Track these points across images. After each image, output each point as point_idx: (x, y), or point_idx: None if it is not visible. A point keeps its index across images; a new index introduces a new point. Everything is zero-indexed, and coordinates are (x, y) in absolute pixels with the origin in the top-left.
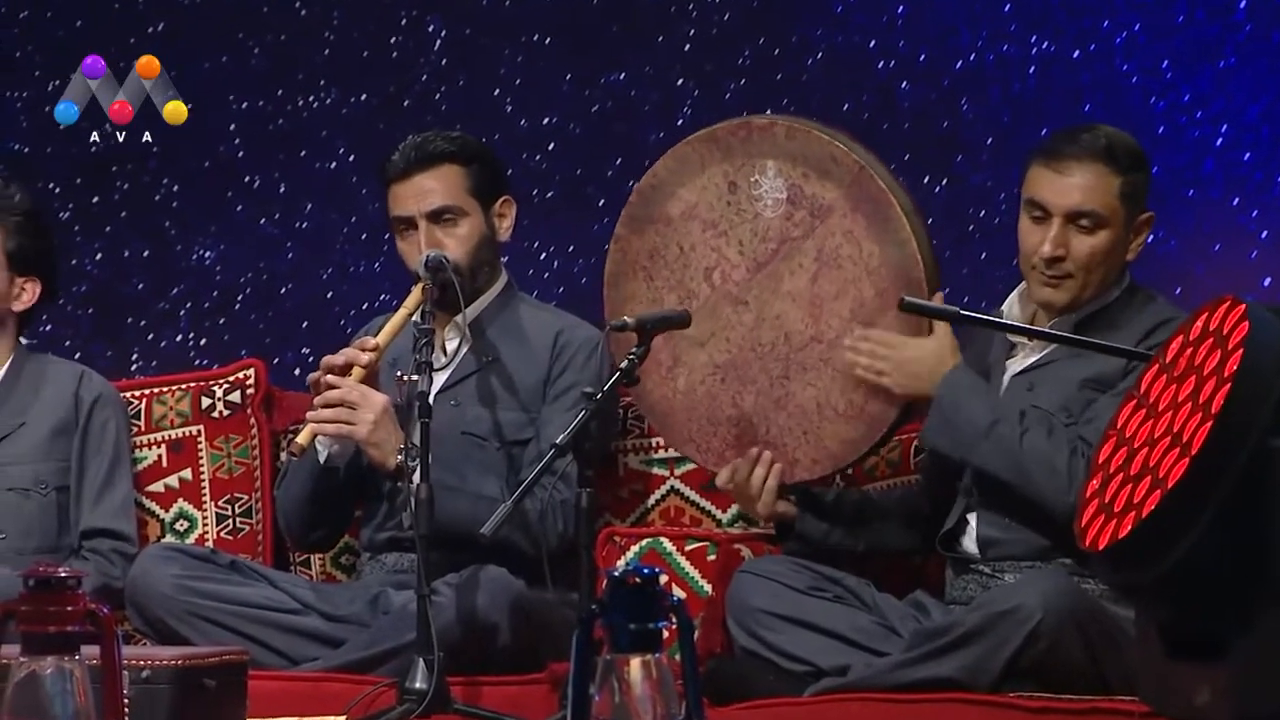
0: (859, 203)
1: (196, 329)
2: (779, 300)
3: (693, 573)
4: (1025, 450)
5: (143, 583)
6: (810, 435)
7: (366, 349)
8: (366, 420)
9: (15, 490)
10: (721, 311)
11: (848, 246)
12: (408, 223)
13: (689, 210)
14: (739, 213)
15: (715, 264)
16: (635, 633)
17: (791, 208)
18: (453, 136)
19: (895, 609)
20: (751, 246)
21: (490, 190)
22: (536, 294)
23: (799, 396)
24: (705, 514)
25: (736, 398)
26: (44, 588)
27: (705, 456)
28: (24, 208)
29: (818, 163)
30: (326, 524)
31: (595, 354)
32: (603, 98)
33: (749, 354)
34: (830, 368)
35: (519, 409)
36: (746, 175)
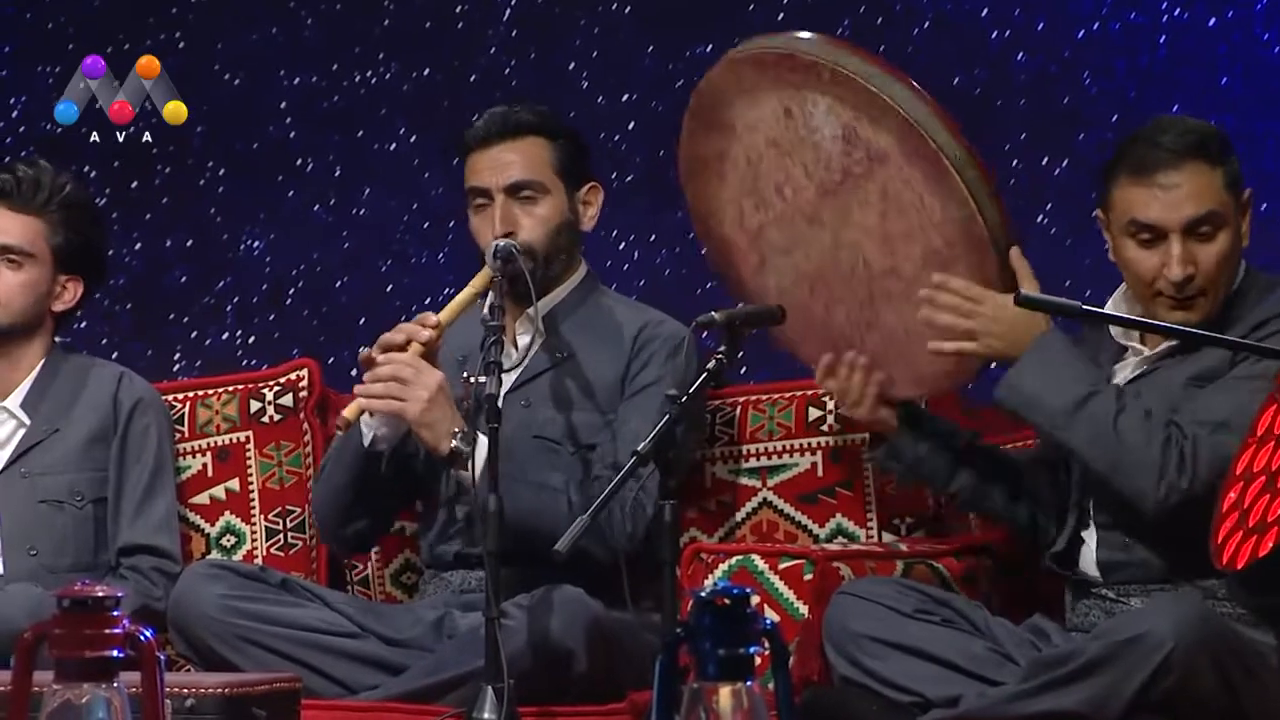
0: (913, 156)
1: (244, 326)
2: (852, 229)
3: (787, 593)
4: (1118, 432)
5: (186, 603)
6: (905, 358)
7: (427, 325)
8: (419, 398)
9: (48, 502)
10: (799, 226)
11: (909, 194)
12: (483, 195)
13: (750, 124)
14: (798, 137)
15: (784, 180)
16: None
17: (848, 145)
18: (541, 110)
19: (1011, 635)
20: (817, 171)
21: (577, 172)
22: (614, 287)
23: (886, 320)
24: (801, 529)
25: (828, 308)
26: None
27: (808, 358)
28: (75, 199)
29: (867, 110)
30: (366, 516)
31: (680, 352)
32: (688, 72)
33: (831, 272)
34: (913, 304)
35: (596, 410)
36: (800, 104)
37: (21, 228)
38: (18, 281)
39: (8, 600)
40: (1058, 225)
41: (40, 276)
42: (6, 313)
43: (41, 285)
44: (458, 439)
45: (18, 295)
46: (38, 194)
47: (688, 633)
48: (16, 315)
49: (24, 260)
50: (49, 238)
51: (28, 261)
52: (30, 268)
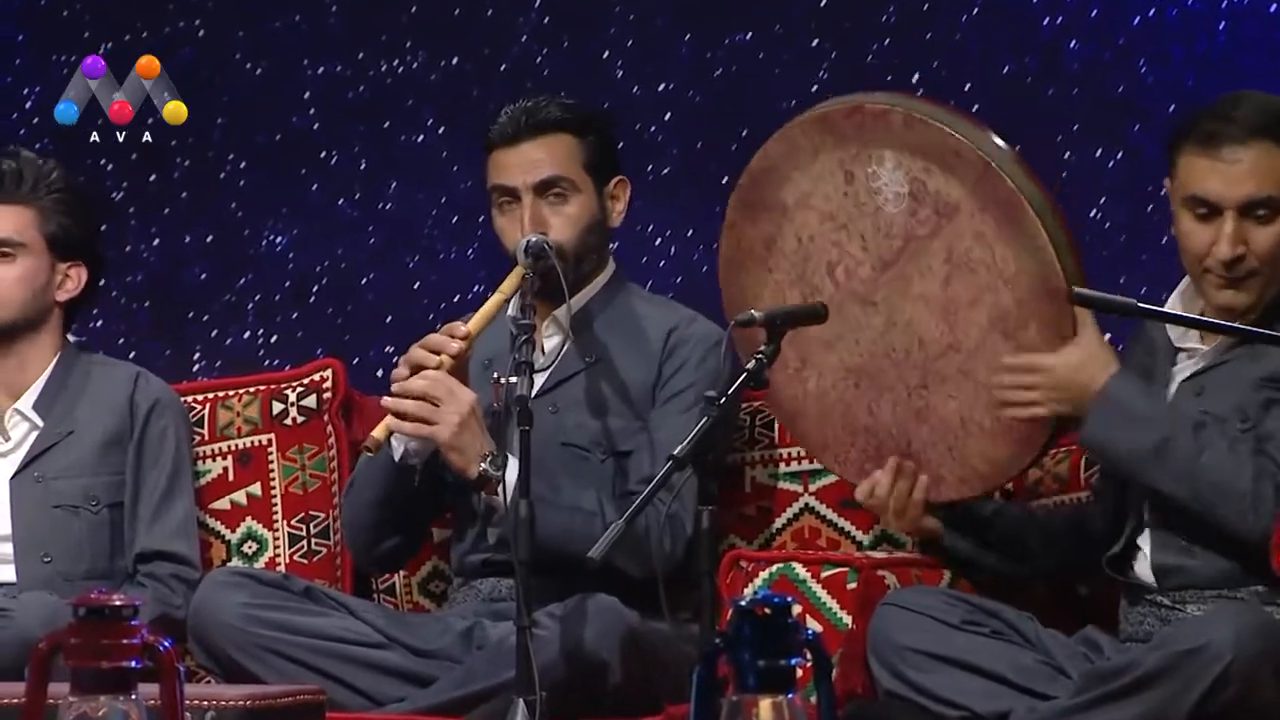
0: (987, 203)
1: (266, 324)
2: (910, 304)
3: (830, 603)
4: (1203, 470)
5: (206, 612)
6: (956, 452)
7: (457, 336)
8: (450, 421)
9: (63, 508)
10: (849, 312)
11: (979, 250)
12: (510, 194)
13: (804, 198)
14: (858, 205)
15: (838, 259)
16: (764, 670)
17: (915, 203)
18: (569, 103)
19: (1063, 646)
20: (875, 243)
21: (605, 167)
22: (650, 285)
23: (940, 409)
24: (844, 535)
25: (873, 406)
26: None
27: (844, 467)
28: (63, 185)
29: (940, 156)
30: (398, 533)
31: (714, 353)
32: (727, 60)
33: (882, 360)
34: (971, 380)
35: (628, 415)
36: (863, 165)
37: (9, 218)
38: (13, 275)
39: (21, 609)
40: (1113, 220)
41: (36, 267)
42: (6, 309)
43: (39, 276)
44: (486, 462)
45: (15, 289)
46: (22, 184)
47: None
48: (17, 310)
49: (16, 252)
50: (41, 226)
51: (20, 253)
52: (25, 259)
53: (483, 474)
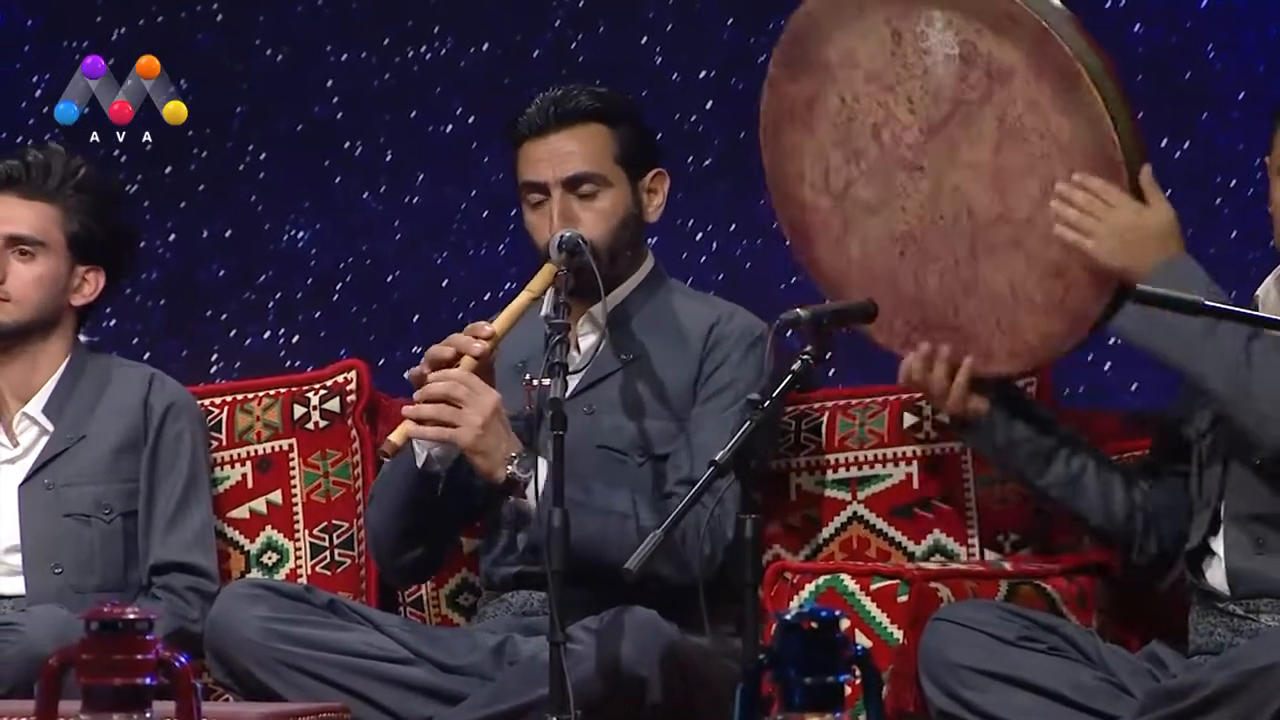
0: (1043, 69)
1: (288, 324)
2: (958, 171)
3: (880, 617)
4: (1252, 361)
5: (224, 626)
6: (1005, 324)
7: (480, 336)
8: (473, 423)
9: (74, 516)
10: (895, 176)
11: (1032, 117)
12: (539, 190)
13: (848, 57)
14: (905, 66)
15: (883, 121)
16: (811, 688)
17: (965, 67)
18: (600, 92)
19: (1125, 663)
20: (923, 106)
21: (640, 159)
22: (690, 281)
23: (990, 280)
24: (895, 545)
25: (919, 275)
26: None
27: (889, 338)
28: (91, 184)
29: (993, 18)
30: (423, 542)
31: (757, 348)
32: (770, 46)
33: (929, 227)
34: (1023, 252)
35: (667, 417)
36: (912, 24)
37: (32, 215)
38: (32, 275)
39: (31, 623)
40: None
41: (56, 268)
42: (21, 309)
43: (58, 278)
44: (514, 465)
45: (32, 289)
46: (48, 179)
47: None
48: (32, 311)
49: (36, 251)
50: (63, 225)
51: (40, 252)
52: (44, 258)
53: (510, 477)
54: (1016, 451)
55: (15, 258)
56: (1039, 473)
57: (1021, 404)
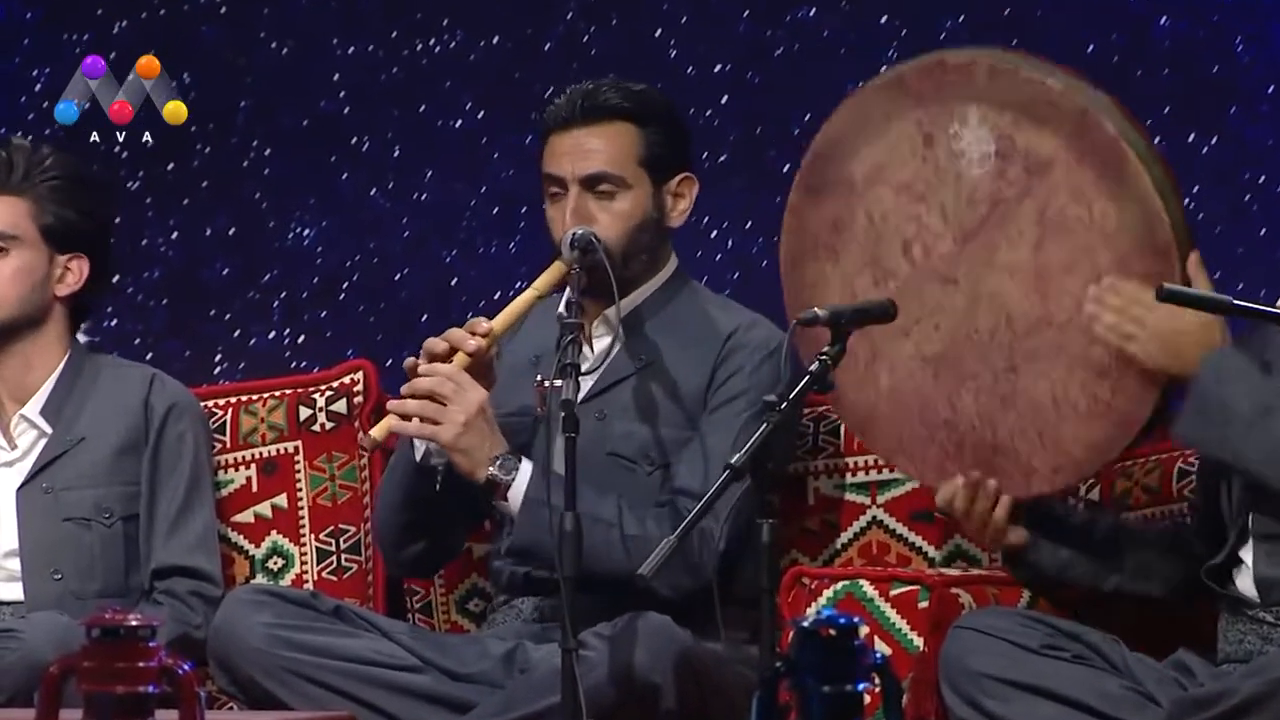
0: (1085, 153)
1: (293, 323)
2: (995, 276)
3: (900, 623)
4: None
5: (229, 633)
6: (1047, 438)
7: (477, 333)
8: (455, 420)
9: (74, 521)
10: (927, 293)
11: (1075, 206)
12: (558, 183)
13: (876, 172)
14: (938, 172)
15: (914, 235)
16: (829, 696)
17: (1002, 163)
18: (634, 90)
19: (1152, 672)
20: (957, 212)
21: (668, 163)
22: (705, 280)
23: (1030, 391)
24: (915, 550)
25: (953, 397)
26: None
27: (921, 469)
28: (58, 171)
29: (1030, 107)
30: (424, 537)
31: (773, 358)
32: (788, 39)
33: (964, 343)
34: (1065, 355)
35: (680, 424)
36: (944, 126)
37: (2, 210)
38: (8, 270)
39: (30, 630)
40: (1206, 210)
41: (32, 261)
42: (2, 307)
43: (36, 270)
44: (495, 465)
45: (10, 285)
46: (12, 172)
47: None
48: (14, 307)
49: (9, 245)
50: (36, 217)
51: (14, 246)
52: (19, 252)
53: (490, 479)
54: (1073, 571)
55: None
56: (1105, 580)
57: (1057, 518)
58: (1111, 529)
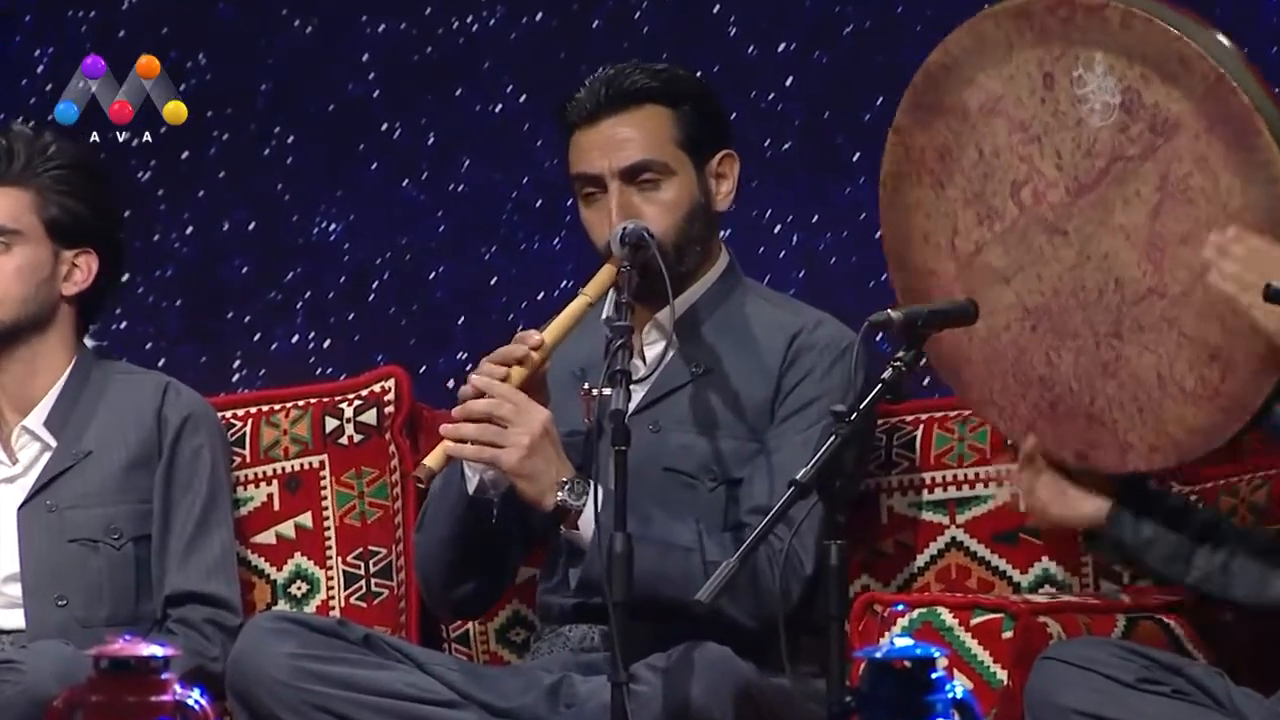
0: (1215, 122)
1: (318, 326)
2: (1108, 235)
3: (982, 655)
4: None
5: (249, 664)
6: (1148, 414)
7: (529, 345)
8: (519, 444)
9: (80, 542)
10: (1033, 240)
11: (1200, 176)
12: (594, 183)
13: (992, 103)
14: (1057, 115)
15: (1025, 178)
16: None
17: (1126, 117)
18: (657, 69)
19: (1259, 708)
20: (1073, 161)
21: (707, 142)
22: (766, 280)
23: (1134, 363)
24: (999, 575)
25: (1052, 354)
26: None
27: (1010, 424)
28: (64, 160)
29: (1162, 63)
30: (477, 576)
31: (844, 360)
32: (858, 16)
33: (1068, 299)
34: (1175, 331)
35: (743, 436)
36: (1067, 68)
37: (3, 202)
38: (11, 267)
39: (32, 661)
40: None
41: (37, 257)
42: (4, 306)
43: (41, 267)
44: (565, 490)
45: (13, 283)
46: (13, 162)
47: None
48: (18, 307)
49: (12, 240)
50: (40, 210)
51: (17, 241)
52: (22, 248)
53: (560, 504)
54: (1151, 551)
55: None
56: (1182, 572)
57: (1149, 497)
58: (1208, 522)
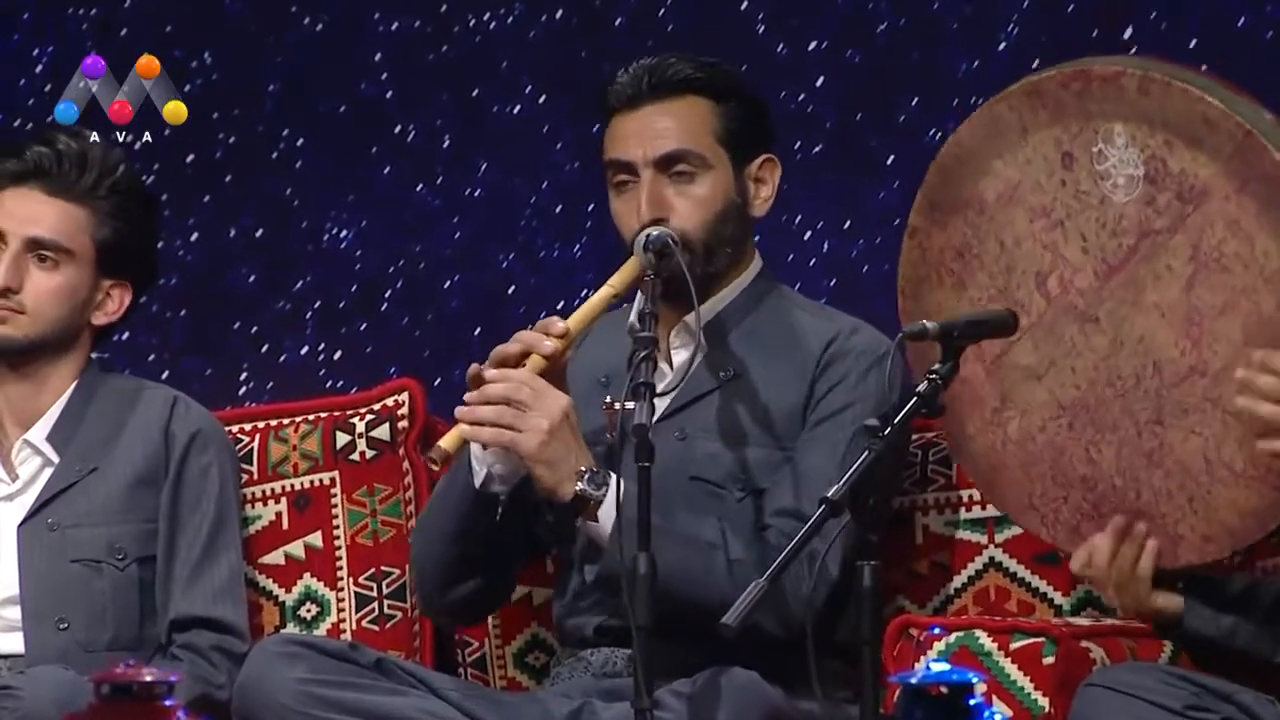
0: (1246, 181)
1: (328, 337)
2: (1142, 316)
3: (1022, 681)
4: None
5: (256, 690)
6: (1198, 504)
7: (552, 334)
8: (538, 428)
9: (83, 562)
10: (1063, 332)
11: (1234, 242)
12: (627, 170)
13: (1010, 192)
14: (1079, 196)
15: (1050, 267)
16: None
17: (1152, 188)
18: (704, 62)
19: None
20: (1099, 243)
21: (748, 142)
22: (798, 287)
23: (1179, 449)
24: (1039, 597)
25: (1092, 450)
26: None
27: (1053, 531)
28: (128, 185)
29: (1185, 127)
30: (478, 575)
31: (879, 367)
32: (892, 13)
33: (1105, 391)
34: (1220, 410)
35: (772, 445)
36: (1087, 145)
37: (60, 217)
38: (52, 285)
39: (32, 686)
40: None
41: (80, 280)
42: (35, 324)
43: (81, 291)
44: (584, 480)
45: (51, 303)
46: (84, 174)
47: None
48: (49, 326)
49: (61, 258)
50: (94, 231)
51: (65, 260)
52: (68, 268)
53: (580, 494)
54: (1236, 640)
55: (35, 264)
56: (1271, 650)
57: (1220, 587)
58: (1277, 594)
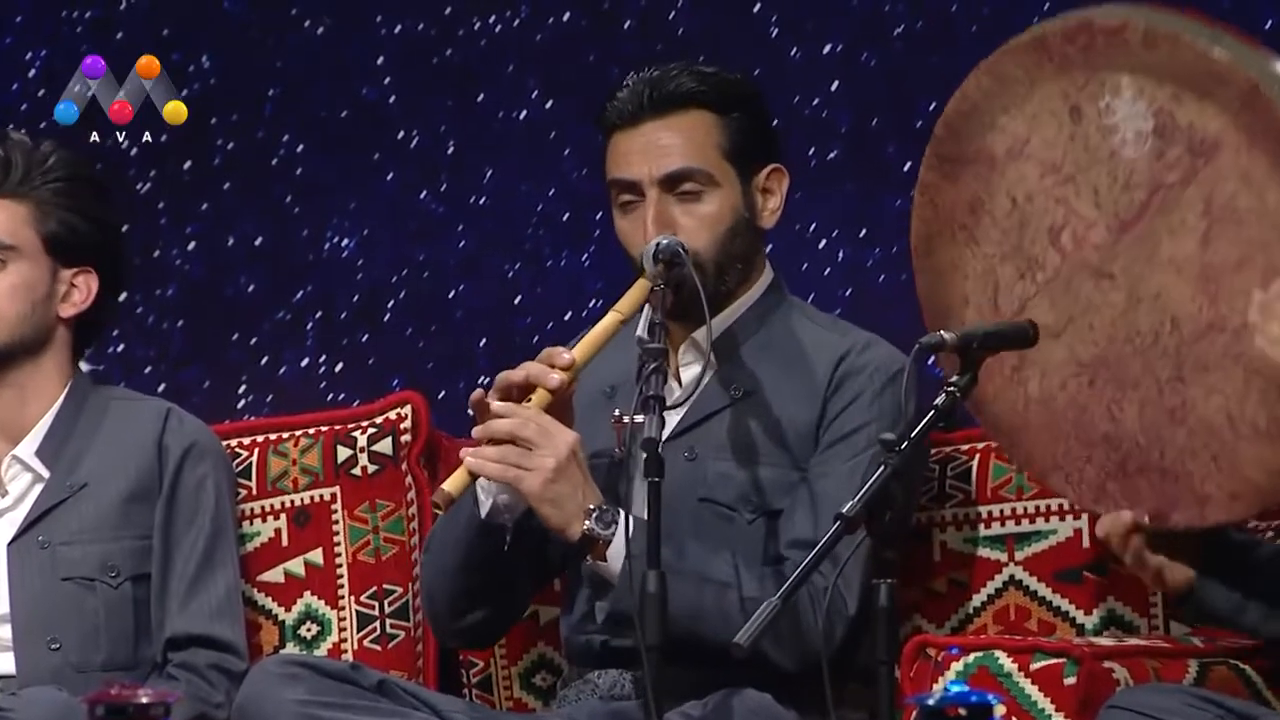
0: (1256, 134)
1: (329, 348)
2: (1157, 272)
3: (1042, 702)
4: None
5: (255, 711)
6: (1223, 460)
7: (558, 364)
8: (544, 467)
9: (75, 581)
10: (1079, 288)
11: (1247, 195)
12: (631, 189)
13: (1018, 146)
14: (1088, 150)
15: (1063, 221)
16: None
17: (1161, 142)
18: (706, 72)
19: None
20: (1111, 197)
21: (755, 153)
22: (812, 298)
23: (1201, 407)
24: (1061, 616)
25: (1114, 408)
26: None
27: (1079, 490)
28: (64, 172)
29: (1193, 79)
30: (486, 604)
31: (894, 384)
32: (909, 15)
33: (1124, 347)
34: (1241, 366)
35: (785, 465)
36: (1094, 97)
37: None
38: (5, 285)
39: (23, 709)
40: None
41: (33, 275)
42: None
43: (37, 286)
44: (592, 519)
45: (8, 303)
46: (10, 173)
47: None
48: (11, 328)
49: (7, 256)
50: (38, 224)
51: (12, 258)
52: (18, 264)
53: (587, 534)
54: (1244, 615)
55: None
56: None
57: (1239, 548)
58: None
